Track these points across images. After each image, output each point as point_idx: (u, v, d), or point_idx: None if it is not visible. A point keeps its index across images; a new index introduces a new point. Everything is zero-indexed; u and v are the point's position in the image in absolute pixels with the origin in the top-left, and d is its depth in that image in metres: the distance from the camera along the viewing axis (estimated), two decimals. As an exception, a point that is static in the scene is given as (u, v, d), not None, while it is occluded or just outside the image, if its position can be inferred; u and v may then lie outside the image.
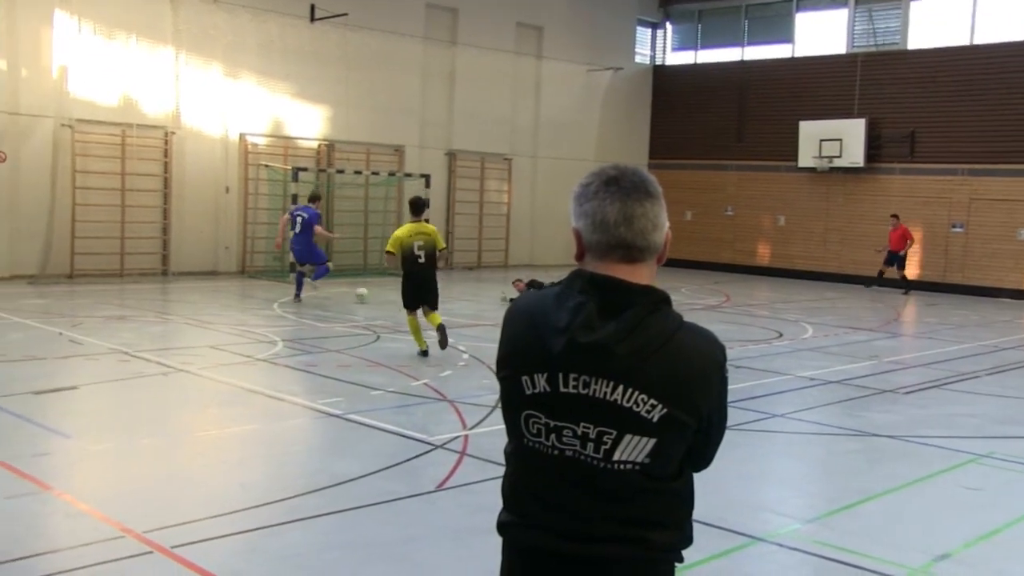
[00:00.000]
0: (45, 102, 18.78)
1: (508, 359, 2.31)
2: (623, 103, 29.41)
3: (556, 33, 27.38)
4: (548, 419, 2.23)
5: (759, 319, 17.53)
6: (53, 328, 12.98)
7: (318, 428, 8.56)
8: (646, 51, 30.79)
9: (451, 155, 25.54)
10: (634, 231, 2.22)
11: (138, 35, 19.75)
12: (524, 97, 27.00)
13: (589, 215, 2.25)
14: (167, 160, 20.48)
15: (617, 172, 2.29)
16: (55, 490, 6.36)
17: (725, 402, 2.40)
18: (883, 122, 25.26)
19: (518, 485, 2.35)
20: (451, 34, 25.16)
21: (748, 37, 28.85)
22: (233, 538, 5.68)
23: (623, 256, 2.23)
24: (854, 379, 11.64)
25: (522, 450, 2.32)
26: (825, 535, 6.13)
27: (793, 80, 27.14)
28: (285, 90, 22.05)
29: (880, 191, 25.49)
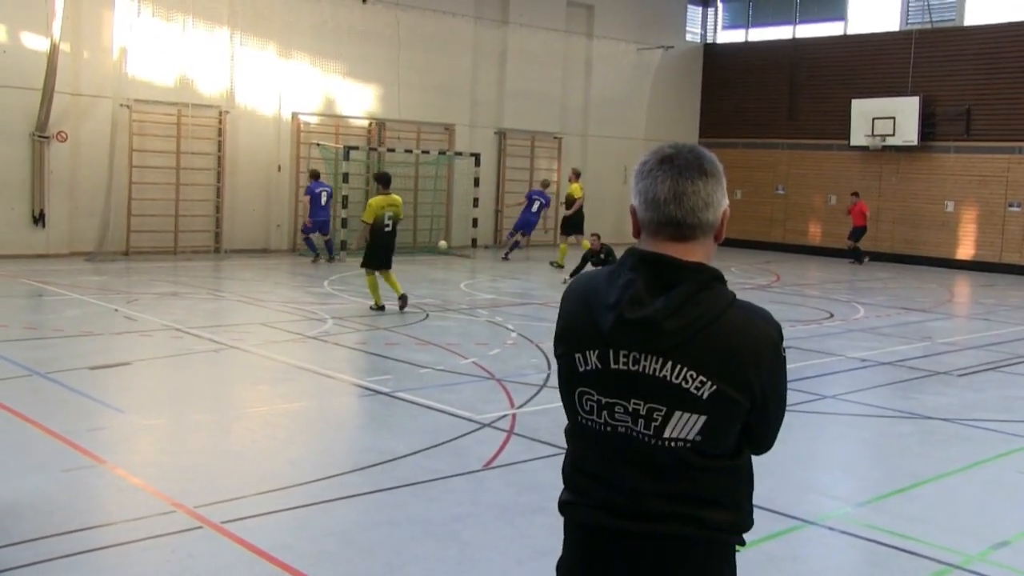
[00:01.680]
0: (105, 83, 18.98)
1: (563, 337, 2.33)
2: (673, 82, 29.03)
3: (607, 12, 27.06)
4: (600, 396, 2.24)
5: (810, 299, 17.24)
6: (109, 305, 13.14)
7: (366, 406, 8.55)
8: (697, 29, 30.34)
9: (501, 134, 25.41)
10: (684, 209, 2.21)
11: (195, 16, 19.86)
12: (574, 76, 26.75)
13: (642, 193, 2.26)
14: (221, 139, 20.61)
15: (673, 150, 2.28)
16: (109, 463, 6.41)
17: (782, 382, 2.33)
18: (938, 100, 24.65)
19: (575, 464, 2.36)
20: (502, 13, 24.98)
21: (800, 15, 28.30)
22: (282, 514, 5.68)
23: (673, 234, 2.23)
24: (907, 360, 11.38)
25: (577, 428, 2.33)
26: (877, 519, 5.98)
27: (845, 58, 26.57)
28: (337, 70, 22.06)
29: (934, 170, 24.91)
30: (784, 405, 2.38)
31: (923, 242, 24.92)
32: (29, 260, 17.80)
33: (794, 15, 28.37)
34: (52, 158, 18.53)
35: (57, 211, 18.72)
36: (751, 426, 2.29)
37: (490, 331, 12.16)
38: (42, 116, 18.11)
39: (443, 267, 20.06)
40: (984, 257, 24.05)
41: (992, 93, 23.88)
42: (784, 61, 27.85)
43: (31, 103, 18.03)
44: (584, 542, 2.33)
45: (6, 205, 18.25)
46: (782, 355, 2.29)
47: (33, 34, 18.11)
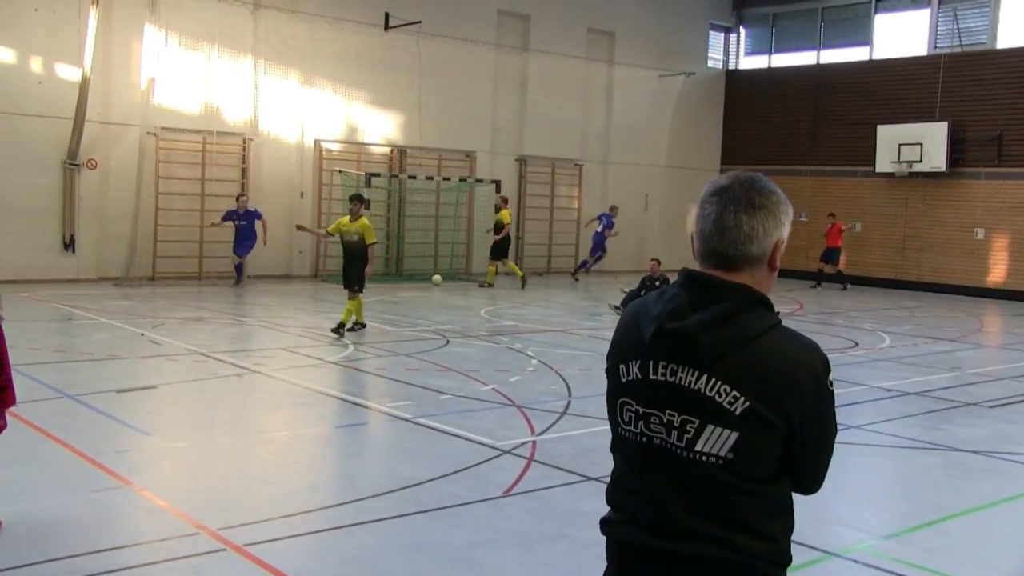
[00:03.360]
0: (133, 111, 19.31)
1: (614, 350, 2.43)
2: (695, 108, 29.13)
3: (628, 38, 27.23)
4: (638, 406, 2.32)
5: (833, 327, 17.18)
6: (135, 329, 13.30)
7: (387, 431, 8.61)
8: (719, 55, 30.46)
9: (522, 161, 25.56)
10: (726, 242, 2.30)
11: (220, 46, 20.20)
12: (595, 103, 26.90)
13: (697, 223, 2.36)
14: (245, 166, 20.87)
15: (728, 181, 2.37)
16: (135, 485, 6.50)
17: (825, 415, 2.32)
18: (967, 125, 24.58)
19: (616, 480, 2.43)
20: (523, 40, 25.20)
21: (824, 40, 28.36)
22: (304, 538, 5.74)
23: (718, 263, 2.32)
24: (934, 391, 11.32)
25: (617, 441, 2.41)
26: (904, 552, 5.95)
27: (871, 83, 26.57)
28: (359, 97, 22.32)
29: (963, 197, 24.81)
30: (829, 442, 2.37)
31: (951, 270, 24.78)
32: (59, 284, 18.08)
33: (818, 40, 28.43)
34: (82, 185, 18.87)
35: (86, 237, 19.01)
36: (793, 458, 2.30)
37: (511, 358, 12.20)
38: (73, 144, 18.47)
39: (463, 293, 20.16)
40: (1015, 285, 23.87)
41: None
42: (808, 87, 27.88)
43: (63, 132, 18.40)
44: (619, 560, 2.39)
45: (38, 231, 18.57)
46: (827, 387, 2.29)
47: (66, 65, 18.50)
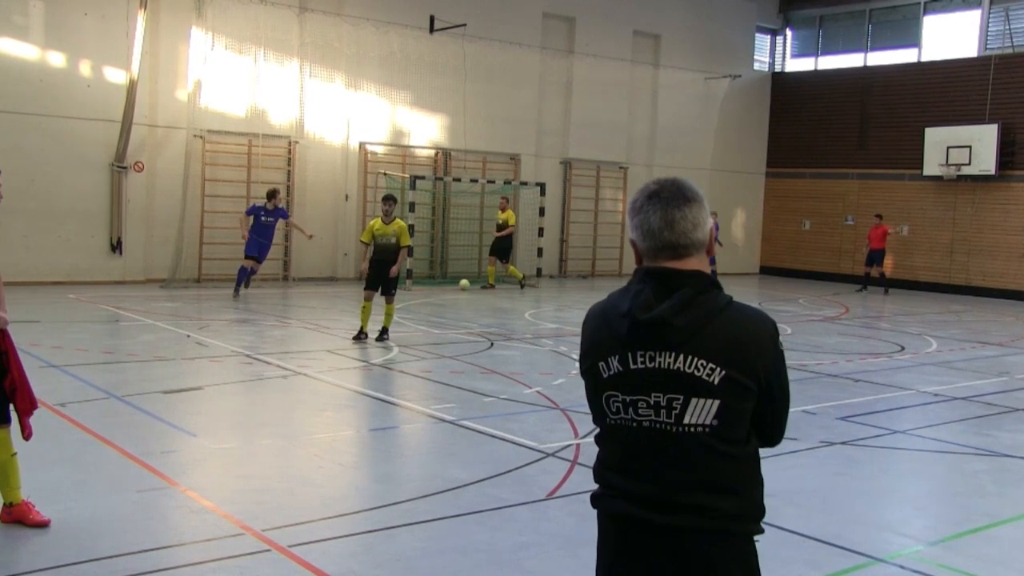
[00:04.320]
0: (179, 114, 19.56)
1: (588, 352, 2.66)
2: (741, 111, 28.92)
3: (673, 41, 27.11)
4: (624, 395, 2.56)
5: (880, 332, 16.96)
6: (181, 330, 13.47)
7: (431, 433, 8.63)
8: (765, 58, 30.22)
9: (567, 164, 25.54)
10: (676, 232, 2.56)
11: (266, 48, 20.39)
12: (640, 106, 26.82)
13: (639, 226, 2.61)
14: (290, 169, 21.05)
15: (658, 186, 2.64)
16: (181, 486, 6.58)
17: (784, 372, 2.64)
18: (1018, 127, 24.16)
19: (604, 463, 2.66)
20: (568, 43, 25.18)
21: (872, 42, 28.03)
22: (348, 539, 5.77)
23: (671, 254, 2.58)
24: (982, 396, 11.14)
25: (606, 430, 2.64)
26: (951, 559, 5.86)
27: (919, 85, 26.20)
28: (404, 100, 22.42)
29: (1013, 200, 24.39)
30: (788, 396, 2.66)
31: (1000, 274, 24.35)
32: (107, 286, 18.36)
33: (865, 43, 28.10)
34: (129, 188, 19.14)
35: (133, 239, 19.29)
36: (760, 416, 2.60)
37: (554, 360, 12.19)
38: (121, 147, 18.75)
39: (508, 296, 20.18)
40: (1065, 290, 23.43)
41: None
42: (854, 89, 27.57)
43: (111, 134, 18.69)
44: (616, 532, 2.62)
45: (87, 233, 18.87)
46: (780, 348, 2.63)
47: (114, 68, 18.79)
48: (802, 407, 10.03)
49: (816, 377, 11.97)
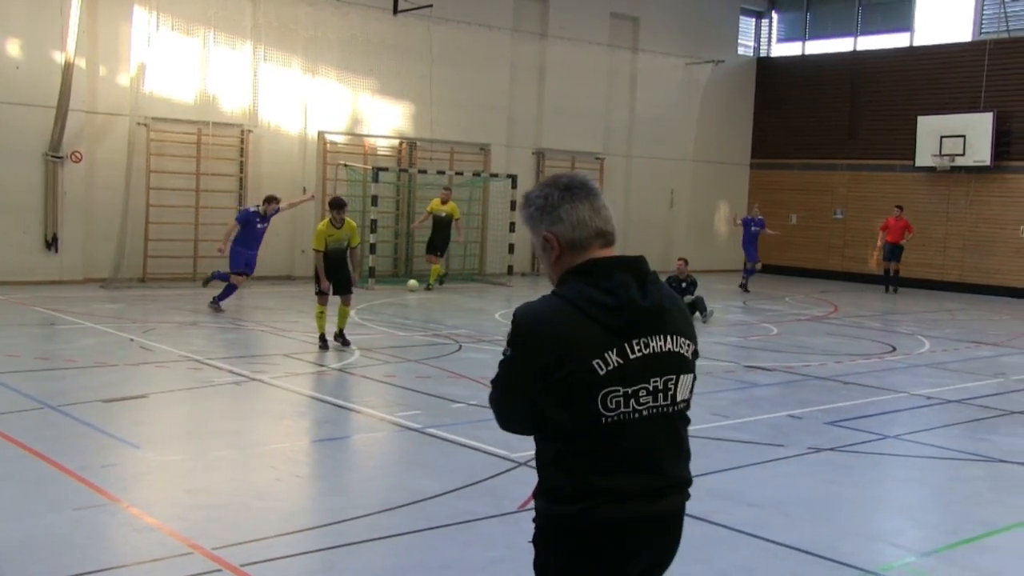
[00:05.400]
0: (121, 100, 19.36)
1: (566, 356, 2.70)
2: (724, 99, 29.05)
3: (653, 24, 27.20)
4: (624, 388, 2.73)
5: (870, 331, 17.11)
6: (124, 334, 13.34)
7: (395, 442, 8.61)
8: (749, 42, 30.40)
9: (540, 154, 25.56)
10: (603, 220, 2.84)
11: (216, 30, 20.24)
12: (618, 93, 26.88)
13: (564, 218, 2.81)
14: (243, 159, 20.93)
15: (567, 179, 2.87)
16: (123, 502, 6.51)
17: None
18: (1014, 116, 24.44)
19: (596, 468, 2.75)
20: (541, 26, 25.19)
21: (862, 26, 28.26)
22: (306, 557, 5.74)
23: (604, 242, 2.84)
24: (977, 399, 11.26)
25: (599, 432, 2.73)
26: (945, 571, 5.92)
27: (911, 72, 26.45)
28: (366, 86, 22.34)
29: (1009, 192, 24.68)
30: None
31: (996, 270, 24.62)
32: (41, 286, 18.13)
33: (855, 26, 28.33)
34: (66, 179, 18.92)
35: (71, 235, 19.07)
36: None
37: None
38: (56, 135, 18.51)
39: (477, 296, 20.16)
40: (1064, 287, 23.74)
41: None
42: (844, 76, 27.78)
43: (45, 121, 18.44)
44: (610, 541, 2.76)
45: (18, 229, 18.63)
46: None
47: (47, 49, 18.54)
48: (788, 411, 10.10)
49: (804, 380, 12.05)
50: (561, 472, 2.78)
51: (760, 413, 10.12)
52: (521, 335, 2.76)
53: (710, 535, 6.31)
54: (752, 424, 9.55)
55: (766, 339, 15.74)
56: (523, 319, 2.77)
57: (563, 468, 2.78)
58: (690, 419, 2.93)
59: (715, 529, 6.40)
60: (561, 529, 2.80)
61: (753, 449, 8.61)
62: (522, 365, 2.75)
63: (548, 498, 2.82)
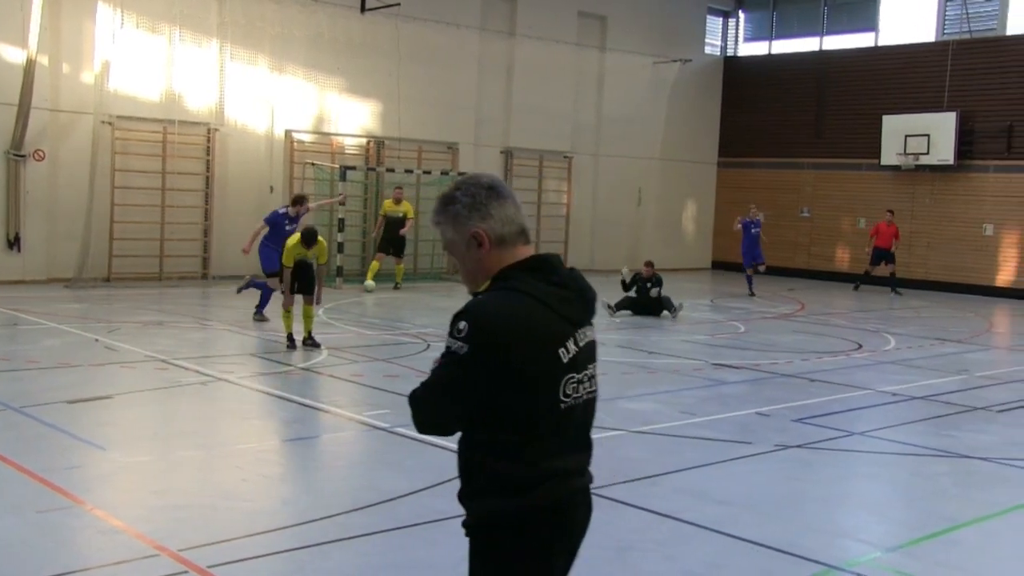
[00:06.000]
0: (85, 98, 19.16)
1: (536, 347, 2.83)
2: (691, 98, 29.19)
3: (620, 23, 27.27)
4: (577, 373, 2.93)
5: (836, 329, 17.25)
6: (89, 334, 13.21)
7: (364, 442, 8.58)
8: (717, 42, 30.54)
9: (508, 153, 25.56)
10: (523, 217, 3.00)
11: (182, 28, 20.07)
12: (586, 92, 26.92)
13: (493, 215, 2.93)
14: (209, 158, 20.77)
15: (489, 179, 3.01)
16: (87, 504, 6.45)
17: None
18: (976, 116, 24.73)
19: (545, 453, 2.89)
20: (509, 25, 25.19)
21: (827, 26, 28.47)
22: (274, 558, 5.71)
23: (525, 239, 3.00)
24: (942, 395, 11.39)
25: (557, 418, 2.89)
26: (910, 566, 5.98)
27: (876, 71, 26.69)
28: (333, 85, 22.24)
29: (972, 191, 24.96)
30: None
31: (959, 268, 24.90)
32: (4, 286, 17.88)
33: (821, 26, 28.54)
34: (28, 178, 18.70)
35: (34, 234, 18.85)
36: None
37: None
38: (18, 133, 18.28)
39: (446, 295, 20.14)
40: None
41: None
42: (810, 75, 28.00)
43: (6, 119, 18.21)
44: (550, 521, 2.91)
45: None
46: None
47: (8, 46, 18.32)
48: (756, 409, 10.17)
49: (770, 377, 12.14)
50: (511, 463, 2.85)
51: (728, 411, 10.19)
52: (485, 330, 2.77)
53: (678, 532, 6.35)
54: (720, 422, 9.61)
55: (734, 337, 15.83)
56: (486, 313, 2.81)
57: (513, 458, 2.85)
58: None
59: (683, 526, 6.44)
60: (508, 521, 2.87)
61: (721, 446, 8.66)
62: (483, 360, 2.76)
63: (489, 495, 2.89)
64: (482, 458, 2.90)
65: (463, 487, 2.98)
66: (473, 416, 2.87)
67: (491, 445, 2.87)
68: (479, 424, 2.88)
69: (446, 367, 2.85)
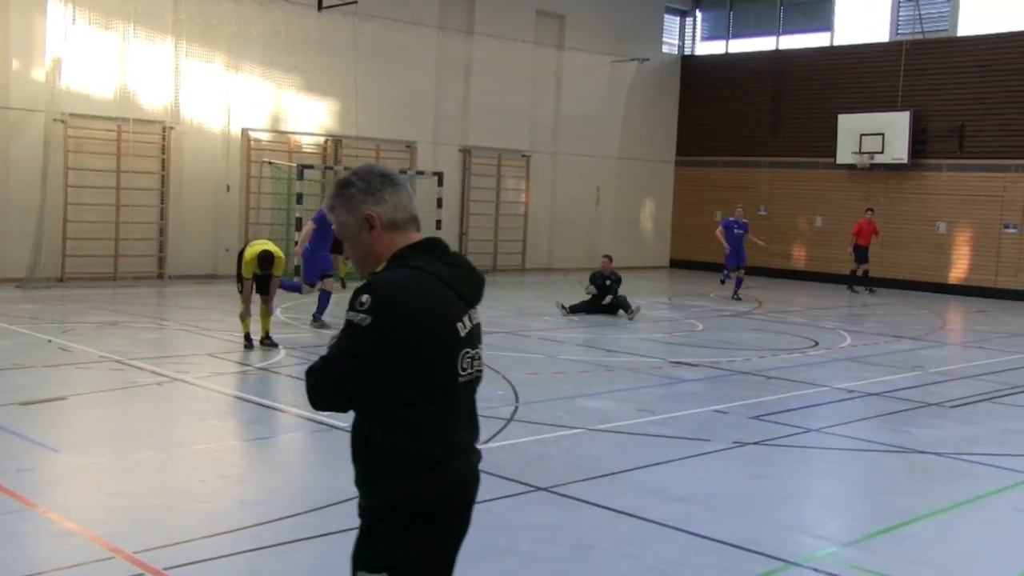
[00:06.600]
0: (36, 96, 18.89)
1: (437, 321, 2.95)
2: (649, 96, 29.34)
3: (578, 22, 27.35)
4: (471, 349, 3.06)
5: (793, 327, 17.42)
6: (42, 335, 13.04)
7: (322, 441, 8.54)
8: (674, 41, 30.72)
9: (466, 152, 25.54)
10: (415, 206, 3.14)
11: (136, 24, 19.85)
12: (544, 90, 26.97)
13: (386, 200, 3.07)
14: (165, 157, 20.56)
15: (383, 169, 3.17)
16: (40, 508, 6.36)
17: None
18: (929, 115, 25.09)
19: (450, 424, 3.00)
20: (467, 23, 25.18)
21: (784, 25, 28.75)
22: (232, 559, 5.67)
23: (416, 226, 3.12)
24: (896, 391, 11.54)
25: (455, 392, 3.01)
26: (865, 560, 6.06)
27: (832, 71, 26.99)
28: (290, 83, 22.11)
29: (926, 189, 25.32)
30: None
31: (913, 265, 25.24)
32: (-46, 287, 17.63)
33: (777, 25, 28.80)
34: (-21, 177, 18.42)
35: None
36: None
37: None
38: (-32, 132, 18.01)
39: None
40: (978, 281, 24.43)
41: (987, 108, 24.33)
42: (767, 74, 28.24)
43: (-43, 117, 17.95)
44: (456, 495, 3.05)
45: (-72, 228, 18.09)
46: None
47: (-41, 43, 18.03)
48: (714, 406, 10.24)
49: (728, 375, 12.24)
50: (419, 440, 2.92)
51: (686, 408, 10.26)
52: (387, 303, 2.84)
53: (638, 530, 6.38)
54: (678, 419, 9.67)
55: (691, 335, 15.94)
56: (389, 287, 2.89)
57: (421, 435, 2.93)
58: None
59: (643, 524, 6.47)
60: (418, 500, 2.93)
61: (679, 444, 8.72)
62: (385, 332, 2.83)
63: (399, 475, 2.93)
64: (384, 436, 2.92)
65: (363, 470, 2.99)
66: (374, 390, 2.88)
67: (396, 423, 2.91)
68: (379, 400, 2.90)
69: (347, 340, 2.87)
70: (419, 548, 2.97)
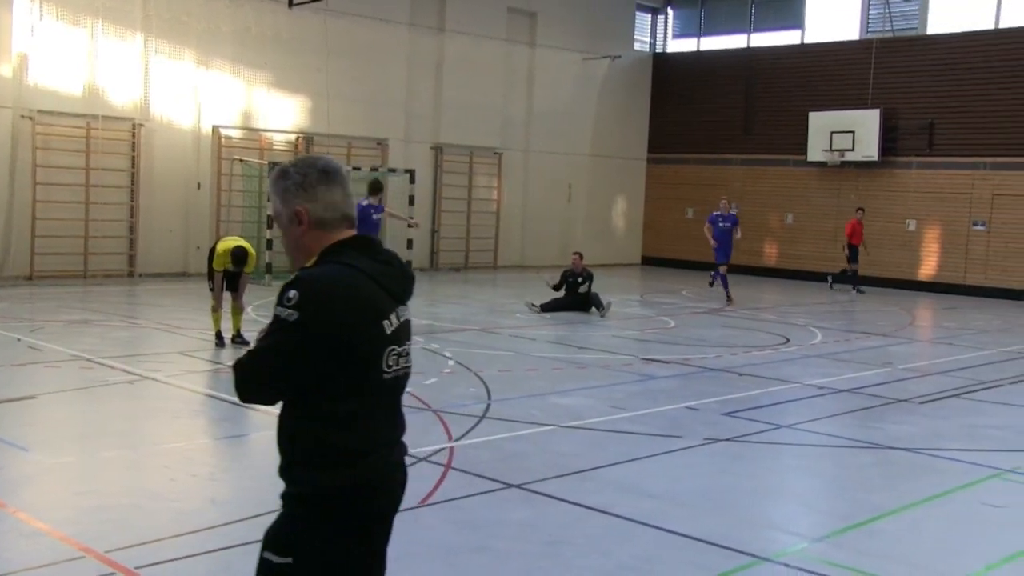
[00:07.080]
0: (3, 92, 18.70)
1: (363, 316, 2.94)
2: (621, 93, 29.42)
3: (550, 19, 27.38)
4: (399, 346, 3.06)
5: (764, 323, 17.53)
6: (10, 333, 12.92)
7: (294, 440, 8.51)
8: (646, 38, 30.83)
9: (438, 149, 25.52)
10: (349, 205, 3.10)
11: (104, 20, 19.69)
12: (516, 88, 26.99)
13: (318, 198, 3.04)
14: (135, 154, 20.42)
15: (324, 163, 3.10)
16: (9, 507, 6.32)
17: None
18: (899, 113, 25.31)
19: (372, 422, 3.01)
20: (438, 20, 25.15)
21: (755, 23, 28.91)
22: (203, 558, 5.65)
23: (349, 224, 3.09)
24: (867, 388, 11.64)
25: (380, 388, 3.01)
26: (836, 555, 6.11)
27: (803, 68, 27.18)
28: (261, 80, 22.00)
29: (895, 187, 25.54)
30: None
31: (883, 263, 25.44)
32: (-80, 286, 17.44)
33: (748, 23, 28.95)
34: (-55, 174, 18.21)
35: (-49, 232, 18.38)
36: None
37: (426, 359, 12.18)
38: (-66, 128, 17.80)
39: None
40: (947, 278, 24.67)
41: (956, 106, 24.57)
42: (738, 72, 28.38)
43: (-78, 114, 17.73)
44: (378, 491, 3.03)
45: None
46: None
47: (-75, 38, 17.81)
48: (686, 403, 10.30)
49: (700, 372, 12.30)
50: (341, 433, 2.94)
51: (658, 405, 10.31)
52: (314, 299, 2.85)
53: (610, 527, 6.41)
54: (650, 416, 9.72)
55: (663, 332, 16.00)
56: (317, 283, 2.89)
57: (343, 428, 2.94)
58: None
59: (614, 520, 6.50)
60: (337, 492, 2.93)
61: (651, 441, 8.76)
62: (312, 327, 2.83)
63: (320, 466, 2.94)
64: (308, 428, 2.95)
65: (286, 459, 3.03)
66: (299, 384, 2.91)
67: (319, 416, 2.93)
68: (306, 393, 2.93)
69: (274, 334, 2.89)
70: (330, 539, 2.96)
